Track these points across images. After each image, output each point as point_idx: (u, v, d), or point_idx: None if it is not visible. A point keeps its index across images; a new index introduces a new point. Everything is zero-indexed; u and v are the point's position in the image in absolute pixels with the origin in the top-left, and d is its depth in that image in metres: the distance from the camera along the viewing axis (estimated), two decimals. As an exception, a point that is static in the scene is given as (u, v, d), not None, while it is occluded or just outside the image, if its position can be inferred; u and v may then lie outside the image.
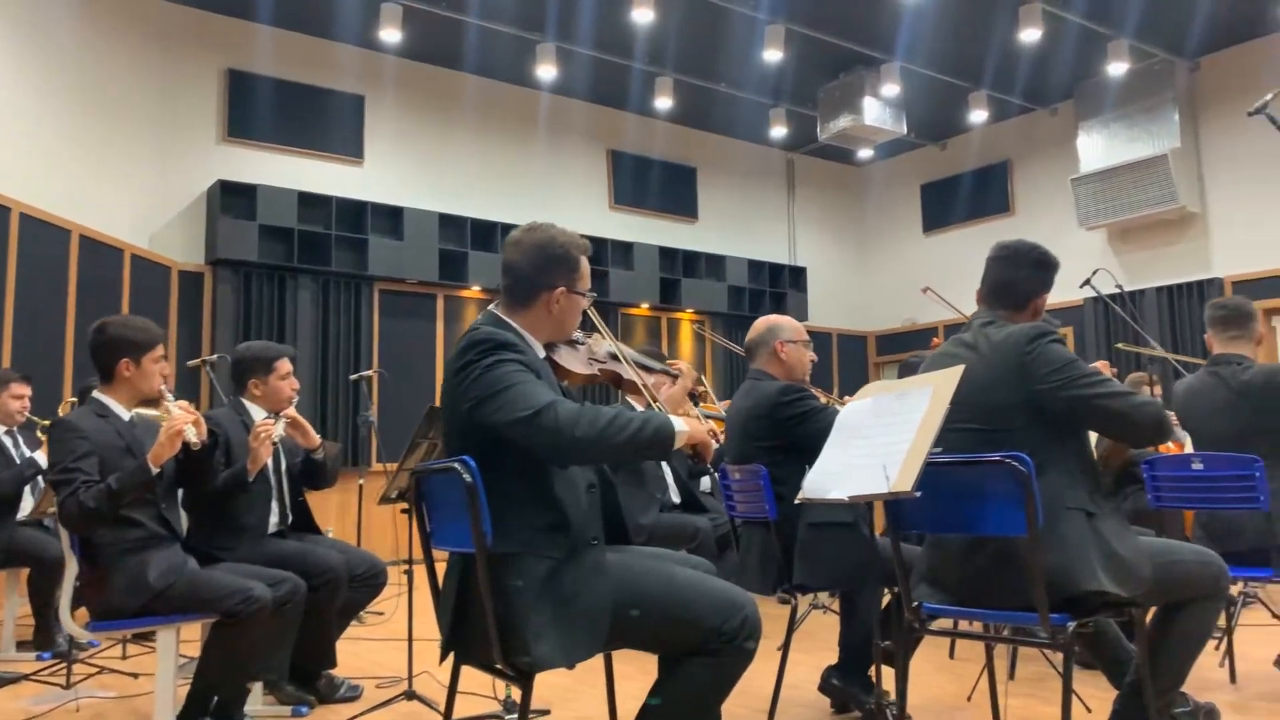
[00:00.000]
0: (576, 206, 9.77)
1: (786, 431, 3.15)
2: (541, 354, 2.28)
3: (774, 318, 3.43)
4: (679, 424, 2.07)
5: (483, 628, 1.99)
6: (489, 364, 2.05)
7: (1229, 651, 3.66)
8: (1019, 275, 2.67)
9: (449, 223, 8.80)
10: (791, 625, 3.19)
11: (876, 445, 2.34)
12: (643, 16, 7.48)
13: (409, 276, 8.54)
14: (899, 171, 11.57)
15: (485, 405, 2.01)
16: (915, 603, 2.52)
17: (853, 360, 11.54)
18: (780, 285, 10.84)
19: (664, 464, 4.70)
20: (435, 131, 9.10)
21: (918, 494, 2.13)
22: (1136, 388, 5.48)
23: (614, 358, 2.52)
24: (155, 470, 2.79)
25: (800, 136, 10.45)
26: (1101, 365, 3.90)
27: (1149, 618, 2.53)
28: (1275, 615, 4.21)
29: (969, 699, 3.43)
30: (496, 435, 2.01)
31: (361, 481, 6.16)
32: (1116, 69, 8.55)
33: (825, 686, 3.28)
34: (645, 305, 9.95)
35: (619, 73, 9.01)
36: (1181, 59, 8.82)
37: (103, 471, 2.81)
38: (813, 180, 11.63)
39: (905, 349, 11.14)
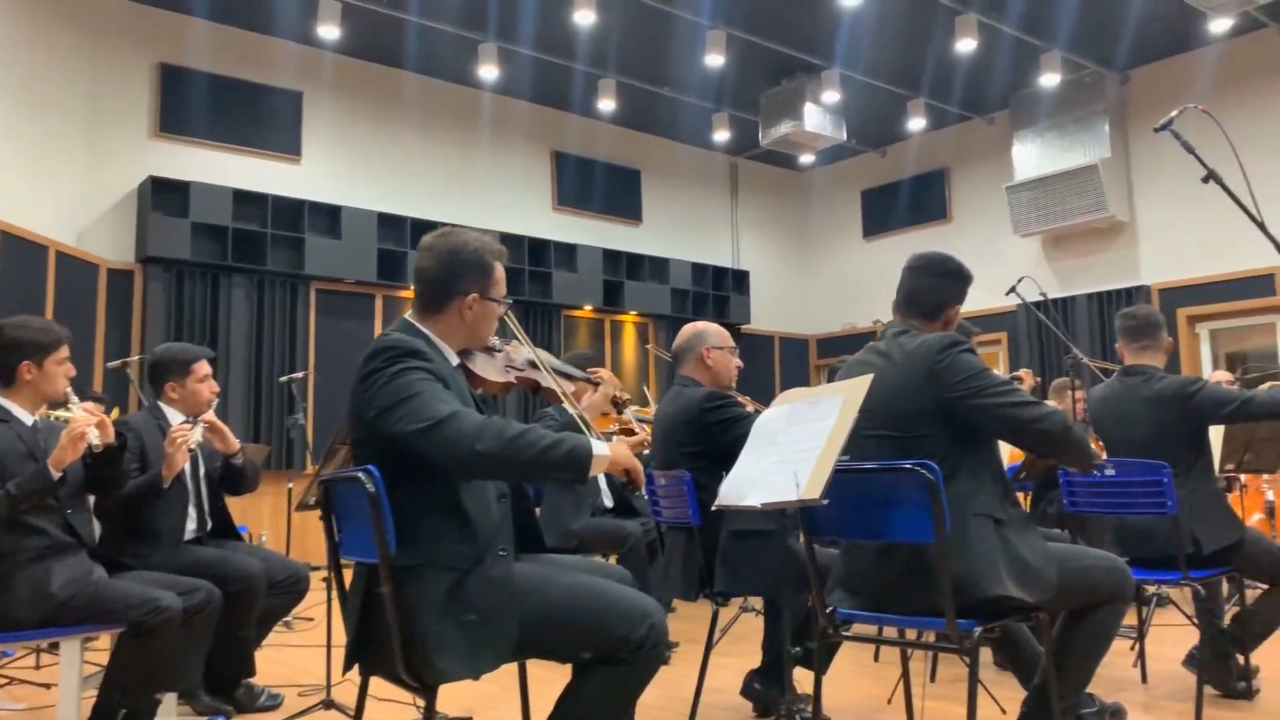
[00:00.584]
0: (519, 207, 9.74)
1: (710, 438, 3.16)
2: (455, 361, 2.25)
3: (700, 324, 3.44)
4: (600, 448, 2.00)
5: (386, 638, 1.97)
6: (394, 371, 2.02)
7: (1141, 652, 3.76)
8: (932, 285, 2.71)
9: (388, 222, 8.70)
10: (712, 630, 3.20)
11: (789, 452, 2.35)
12: (584, 19, 7.47)
13: (346, 276, 8.43)
14: (841, 177, 11.70)
15: (388, 415, 1.98)
16: (830, 608, 2.55)
17: (794, 363, 11.64)
18: (723, 288, 10.90)
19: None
20: (375, 130, 8.99)
21: (825, 501, 2.15)
22: (1059, 394, 5.60)
23: (532, 365, 2.50)
24: (57, 475, 2.71)
25: (744, 141, 10.52)
26: (1024, 374, 3.98)
27: (1056, 622, 2.59)
28: (1187, 616, 4.33)
29: (889, 702, 3.48)
30: (401, 445, 1.98)
31: (291, 485, 6.06)
32: (1049, 80, 8.74)
33: (747, 690, 3.31)
34: (588, 307, 9.94)
35: (562, 74, 8.99)
36: (1112, 71, 9.05)
37: (3, 477, 2.73)
38: (756, 184, 11.71)
39: (846, 352, 11.27)
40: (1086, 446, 2.56)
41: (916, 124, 9.92)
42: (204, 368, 3.54)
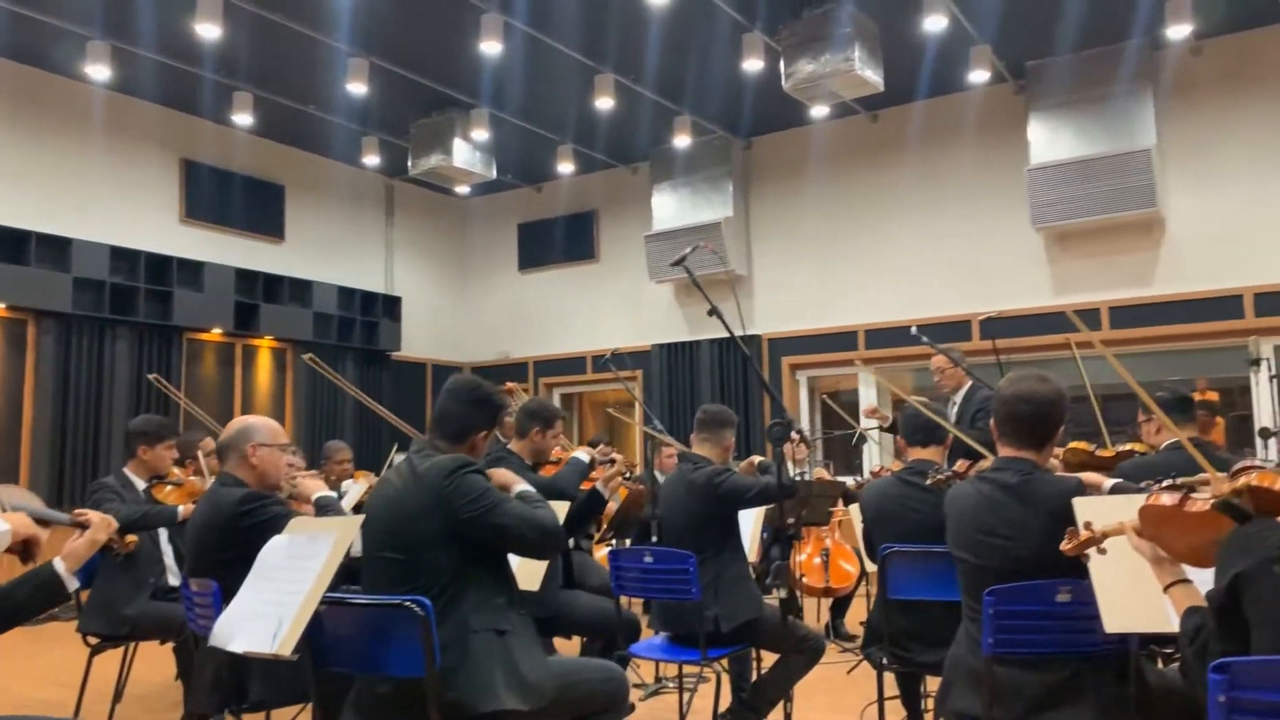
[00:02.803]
0: (141, 218, 8.87)
1: (245, 544, 3.02)
2: None
3: (250, 419, 3.28)
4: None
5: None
6: None
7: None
8: (459, 411, 2.78)
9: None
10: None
11: (281, 592, 2.31)
12: (207, 31, 6.95)
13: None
14: (498, 208, 11.83)
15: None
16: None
17: (446, 391, 11.57)
18: (373, 314, 10.62)
19: (164, 541, 4.35)
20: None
21: (295, 657, 2.12)
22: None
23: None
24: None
25: (398, 163, 10.32)
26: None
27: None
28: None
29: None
30: None
31: None
32: (682, 141, 9.39)
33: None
34: (217, 330, 9.27)
35: (189, 80, 8.31)
36: (737, 138, 9.90)
37: None
38: (414, 208, 11.53)
39: (501, 381, 11.40)
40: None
41: (566, 168, 10.25)
42: None
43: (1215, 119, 7.85)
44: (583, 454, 4.10)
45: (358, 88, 7.95)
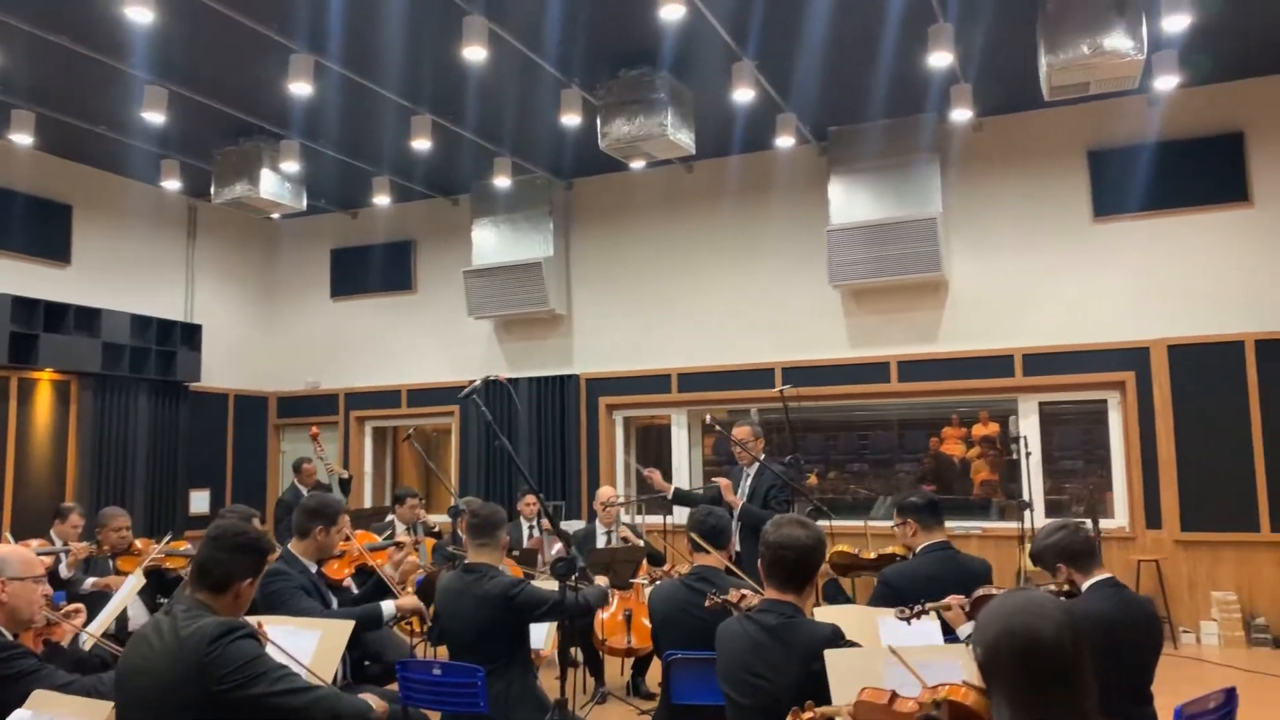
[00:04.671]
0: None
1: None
2: None
3: (2, 550, 3.08)
4: None
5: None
6: None
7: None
8: (221, 560, 2.69)
9: None
10: None
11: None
12: (-22, 54, 6.39)
13: None
14: (311, 232, 11.42)
15: None
16: None
17: (252, 421, 11.09)
18: (170, 344, 10.03)
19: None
20: None
21: None
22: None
23: None
24: None
25: (202, 184, 9.77)
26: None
27: None
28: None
29: None
30: None
31: None
32: (503, 181, 9.37)
33: None
34: (-12, 364, 8.52)
35: (-42, 97, 7.61)
36: (559, 179, 9.96)
37: None
38: (220, 230, 10.96)
39: (308, 413, 11.05)
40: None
41: (383, 200, 10.01)
42: None
43: (992, 191, 8.55)
44: (390, 606, 4.06)
45: (155, 116, 7.50)
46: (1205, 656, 7.13)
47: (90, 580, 5.71)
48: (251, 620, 2.77)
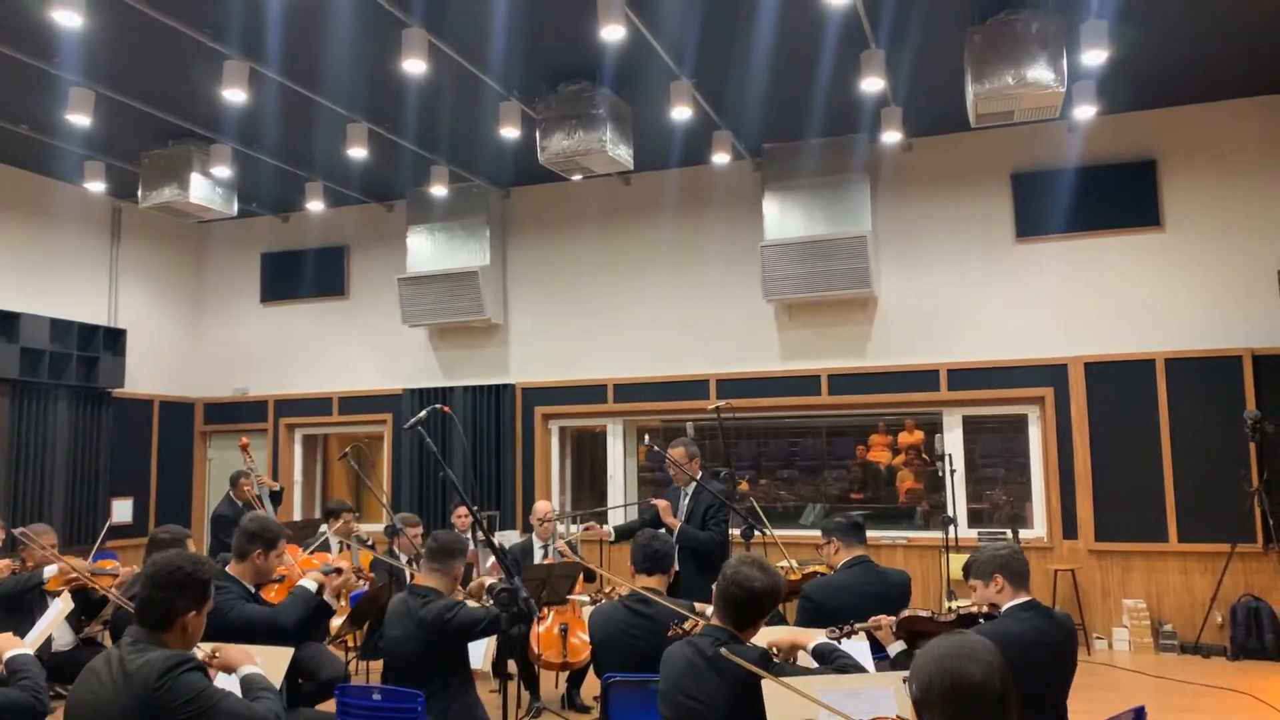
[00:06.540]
0: None
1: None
2: None
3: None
4: None
5: None
6: None
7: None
8: (161, 597, 2.66)
9: None
10: None
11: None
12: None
13: None
14: (241, 235, 11.21)
15: None
16: None
17: (178, 428, 10.85)
18: (92, 349, 9.74)
19: None
20: None
21: None
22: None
23: None
24: None
25: (128, 186, 9.52)
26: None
27: None
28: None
29: None
30: None
31: None
32: (439, 190, 9.32)
33: None
34: (-103, 370, 8.19)
35: None
36: (496, 188, 9.95)
37: None
38: (145, 232, 10.67)
39: (236, 420, 10.84)
40: None
41: (316, 205, 9.88)
42: None
43: (920, 211, 8.81)
44: (309, 582, 4.03)
45: (80, 119, 7.30)
46: (1116, 662, 7.46)
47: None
48: (207, 647, 2.77)
